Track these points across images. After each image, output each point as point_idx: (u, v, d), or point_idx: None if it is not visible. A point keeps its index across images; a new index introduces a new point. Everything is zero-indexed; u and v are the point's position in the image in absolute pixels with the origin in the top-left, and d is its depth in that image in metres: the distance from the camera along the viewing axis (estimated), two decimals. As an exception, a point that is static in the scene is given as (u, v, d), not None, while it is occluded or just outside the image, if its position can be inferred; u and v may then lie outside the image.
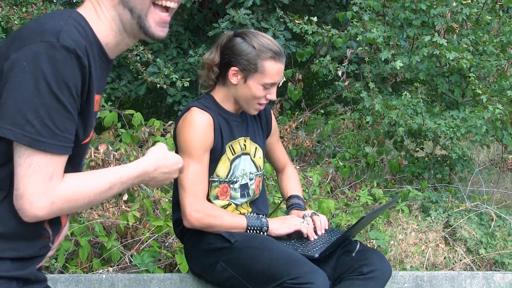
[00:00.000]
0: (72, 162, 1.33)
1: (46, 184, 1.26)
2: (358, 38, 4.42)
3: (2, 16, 3.66)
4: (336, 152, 5.11)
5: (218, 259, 2.18)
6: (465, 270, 3.31)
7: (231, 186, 2.29)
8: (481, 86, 4.24)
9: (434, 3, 4.27)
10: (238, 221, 2.21)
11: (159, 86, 4.44)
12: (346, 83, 4.84)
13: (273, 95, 2.23)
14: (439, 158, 4.60)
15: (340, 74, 4.79)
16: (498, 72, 4.44)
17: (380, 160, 4.85)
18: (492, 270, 3.46)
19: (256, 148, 2.37)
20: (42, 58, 1.21)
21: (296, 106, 5.95)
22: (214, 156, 2.23)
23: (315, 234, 2.31)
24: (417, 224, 3.67)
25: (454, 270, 3.28)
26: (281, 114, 5.58)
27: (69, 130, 1.27)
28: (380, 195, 3.99)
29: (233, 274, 2.14)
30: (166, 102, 5.75)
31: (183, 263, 2.75)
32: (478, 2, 4.39)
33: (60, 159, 1.27)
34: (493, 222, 3.81)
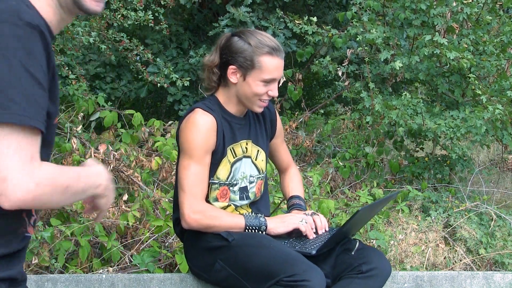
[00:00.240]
0: (43, 146, 1.27)
1: (29, 164, 1.19)
2: (358, 38, 4.42)
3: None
4: (336, 152, 5.10)
5: (216, 258, 2.18)
6: (465, 270, 3.31)
7: (231, 188, 2.28)
8: (481, 86, 4.23)
9: (434, 3, 4.27)
10: (237, 221, 2.21)
11: (160, 85, 4.43)
12: (346, 83, 4.84)
13: (274, 91, 2.22)
14: (439, 158, 4.60)
15: (340, 74, 4.79)
16: (498, 72, 4.44)
17: (380, 160, 4.84)
18: (492, 270, 3.46)
19: (258, 151, 2.36)
20: (9, 37, 1.19)
21: (296, 106, 5.95)
22: (215, 158, 2.23)
23: (315, 233, 2.30)
24: (417, 224, 3.67)
25: (454, 270, 3.28)
26: (281, 114, 5.58)
27: (44, 107, 1.23)
28: (380, 195, 3.98)
29: (231, 272, 2.14)
30: (166, 102, 5.75)
31: (183, 263, 2.75)
32: (478, 2, 4.38)
33: (37, 139, 1.22)
34: (493, 222, 3.81)
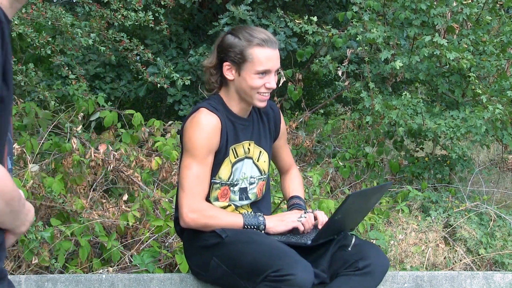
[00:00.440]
0: None
1: None
2: (358, 38, 4.41)
3: (2, 16, 3.65)
4: (336, 152, 5.10)
5: (212, 255, 2.18)
6: (465, 270, 3.31)
7: (231, 189, 2.28)
8: (481, 86, 4.23)
9: (434, 3, 4.27)
10: (235, 220, 2.21)
11: (160, 85, 4.43)
12: (346, 83, 4.84)
13: (272, 83, 2.20)
14: (439, 158, 4.60)
15: (340, 74, 4.78)
16: (498, 72, 4.44)
17: (380, 160, 4.84)
18: (492, 270, 3.46)
19: (260, 152, 2.35)
20: None
21: (296, 106, 5.94)
22: (218, 158, 2.23)
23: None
24: (417, 224, 3.66)
25: (454, 270, 3.28)
26: (281, 114, 5.56)
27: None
28: (380, 195, 3.98)
29: (225, 270, 2.14)
30: (166, 102, 5.74)
31: (183, 263, 2.75)
32: (478, 2, 4.38)
33: None
34: (493, 222, 3.81)
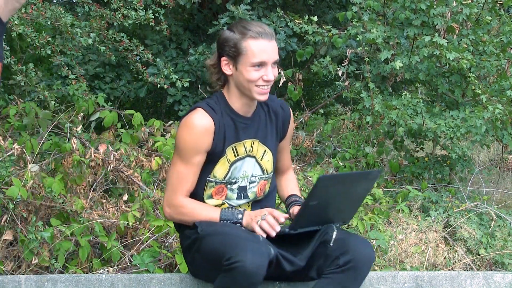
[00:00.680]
0: None
1: None
2: (358, 38, 4.41)
3: (2, 16, 3.64)
4: (336, 152, 5.10)
5: (193, 251, 2.19)
6: (465, 270, 3.31)
7: (229, 186, 2.26)
8: (481, 86, 4.23)
9: (434, 3, 4.27)
10: (212, 215, 2.19)
11: (160, 86, 4.43)
12: (346, 83, 4.84)
13: (269, 75, 2.15)
14: (439, 158, 4.60)
15: (340, 74, 4.78)
16: (498, 72, 4.44)
17: (380, 160, 4.84)
18: (492, 270, 3.46)
19: (265, 151, 2.31)
20: None
21: (296, 106, 5.94)
22: (212, 158, 2.22)
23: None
24: (417, 224, 3.67)
25: (454, 270, 3.28)
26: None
27: None
28: (380, 195, 3.98)
29: (204, 264, 2.15)
30: (166, 102, 5.74)
31: (183, 263, 2.75)
32: (478, 2, 4.38)
33: None
34: (493, 222, 3.81)
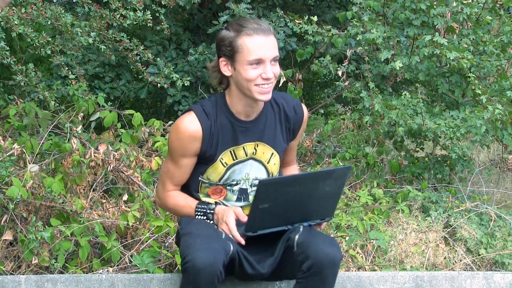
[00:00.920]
0: None
1: None
2: (358, 38, 4.41)
3: (1, 16, 3.65)
4: (336, 152, 5.10)
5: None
6: (465, 270, 3.31)
7: (229, 188, 2.25)
8: (481, 86, 4.23)
9: (434, 3, 4.27)
10: (188, 211, 2.24)
11: (160, 85, 4.43)
12: (346, 83, 4.84)
13: (268, 73, 2.08)
14: (439, 158, 4.60)
15: (340, 74, 4.78)
16: (498, 72, 4.44)
17: (380, 160, 4.84)
18: (492, 270, 3.46)
19: (272, 153, 2.26)
20: None
21: (296, 106, 5.94)
22: (204, 161, 2.20)
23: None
24: (417, 224, 3.66)
25: (454, 270, 3.28)
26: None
27: None
28: (380, 195, 3.98)
29: None
30: (166, 102, 5.74)
31: (183, 263, 2.75)
32: (478, 2, 4.38)
33: None
34: (493, 222, 3.81)
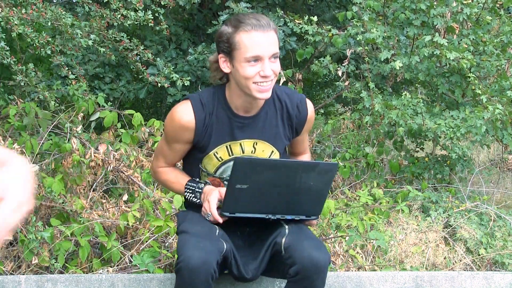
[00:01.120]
0: None
1: None
2: (358, 38, 4.41)
3: (1, 17, 3.64)
4: (336, 152, 5.11)
5: None
6: (465, 270, 3.31)
7: (225, 183, 2.23)
8: (481, 86, 4.23)
9: (434, 3, 4.27)
10: (179, 188, 2.28)
11: (160, 85, 4.44)
12: (346, 83, 4.84)
13: (266, 71, 2.00)
14: (439, 158, 4.60)
15: (340, 74, 4.78)
16: (498, 72, 4.44)
17: (380, 160, 4.84)
18: (492, 270, 3.46)
19: (272, 151, 2.23)
20: None
21: (296, 106, 5.94)
22: (198, 149, 2.20)
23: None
24: (417, 224, 3.66)
25: (454, 270, 3.28)
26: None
27: None
28: (380, 195, 3.98)
29: None
30: (166, 102, 5.74)
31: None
32: (478, 2, 4.38)
33: None
34: (493, 222, 3.81)
